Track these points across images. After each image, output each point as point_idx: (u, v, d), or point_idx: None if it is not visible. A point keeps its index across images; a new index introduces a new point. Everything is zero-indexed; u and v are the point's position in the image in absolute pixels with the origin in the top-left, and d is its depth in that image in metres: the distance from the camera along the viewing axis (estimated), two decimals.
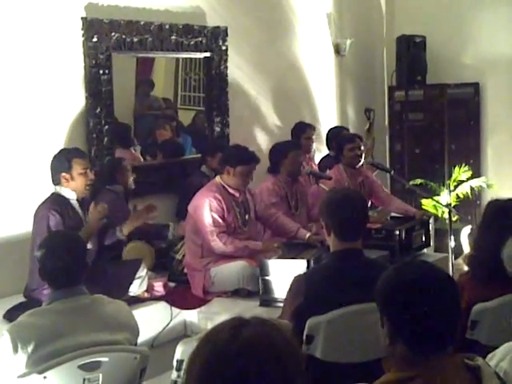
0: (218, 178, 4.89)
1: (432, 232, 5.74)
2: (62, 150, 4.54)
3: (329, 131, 7.03)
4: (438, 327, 1.84)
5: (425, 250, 5.48)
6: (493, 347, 2.36)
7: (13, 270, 4.71)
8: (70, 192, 4.34)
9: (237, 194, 4.87)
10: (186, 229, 4.98)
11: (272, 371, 1.41)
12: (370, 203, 5.71)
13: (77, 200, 4.38)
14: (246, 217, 4.94)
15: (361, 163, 5.83)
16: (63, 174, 4.29)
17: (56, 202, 4.28)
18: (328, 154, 6.95)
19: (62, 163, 4.31)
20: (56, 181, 4.34)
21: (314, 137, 6.59)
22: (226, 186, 4.83)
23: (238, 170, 4.78)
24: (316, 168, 6.48)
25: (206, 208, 4.70)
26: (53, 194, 4.36)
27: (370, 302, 2.11)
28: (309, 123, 6.70)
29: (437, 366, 1.81)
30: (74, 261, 2.89)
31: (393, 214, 6.14)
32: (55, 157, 4.39)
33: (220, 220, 4.73)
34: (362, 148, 5.86)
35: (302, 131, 6.54)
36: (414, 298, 1.86)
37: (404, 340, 1.87)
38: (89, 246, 4.18)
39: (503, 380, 1.92)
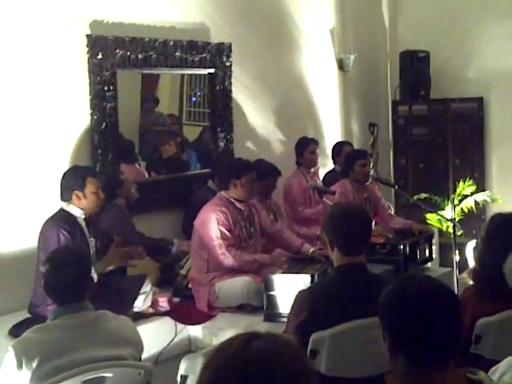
0: (223, 193, 4.91)
1: (436, 246, 5.74)
2: (75, 166, 4.51)
3: (334, 146, 7.06)
4: (438, 341, 1.85)
5: (429, 264, 5.47)
6: (497, 361, 2.36)
7: (18, 286, 4.71)
8: (78, 210, 4.30)
9: (242, 208, 4.89)
10: (191, 244, 4.99)
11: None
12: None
13: (83, 218, 4.35)
14: (252, 229, 4.95)
15: (370, 180, 5.89)
16: (76, 191, 4.24)
17: (64, 220, 4.24)
18: (333, 169, 6.98)
19: (76, 181, 4.26)
20: (66, 197, 4.28)
21: (317, 151, 6.62)
22: (233, 200, 4.85)
23: (244, 179, 4.81)
24: (320, 183, 6.50)
25: (214, 222, 4.72)
26: (60, 210, 4.32)
27: (373, 316, 2.11)
28: (312, 138, 6.73)
29: (439, 380, 1.81)
30: (79, 277, 2.90)
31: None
32: (68, 173, 4.34)
33: (228, 233, 4.74)
34: (371, 165, 5.92)
35: (306, 146, 6.56)
36: (413, 313, 1.86)
37: (404, 354, 1.87)
38: None
39: None
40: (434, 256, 5.52)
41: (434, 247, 5.53)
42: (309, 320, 2.93)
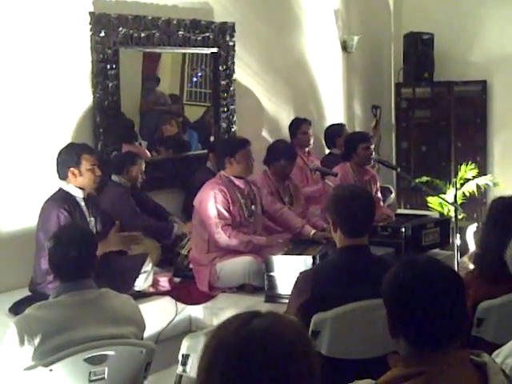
0: (222, 172, 4.91)
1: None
2: (70, 143, 4.52)
3: (328, 128, 7.04)
4: (441, 323, 1.84)
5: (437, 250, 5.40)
6: (499, 344, 2.36)
7: (18, 263, 4.72)
8: (77, 190, 4.31)
9: (242, 186, 4.88)
10: (193, 223, 4.99)
11: (280, 362, 1.40)
12: None
13: (83, 198, 4.35)
14: (253, 207, 4.94)
15: (372, 163, 5.89)
16: (71, 168, 4.26)
17: (64, 199, 4.25)
18: (330, 152, 6.96)
19: (71, 157, 4.28)
20: (63, 175, 4.30)
21: (310, 131, 6.61)
22: (232, 178, 4.85)
23: (238, 156, 4.81)
24: (317, 162, 6.49)
25: (211, 200, 4.71)
26: (60, 190, 4.32)
27: (376, 298, 2.11)
28: (304, 118, 6.71)
29: (443, 362, 1.81)
30: (83, 254, 2.89)
31: (399, 212, 6.13)
32: (64, 150, 4.35)
33: (225, 213, 4.73)
34: (372, 147, 5.92)
35: (298, 127, 6.57)
36: (413, 294, 1.85)
37: (405, 336, 1.87)
38: None
39: (509, 377, 1.92)
40: (450, 241, 5.39)
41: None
42: (311, 301, 2.92)
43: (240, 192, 4.87)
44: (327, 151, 7.15)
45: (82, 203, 4.34)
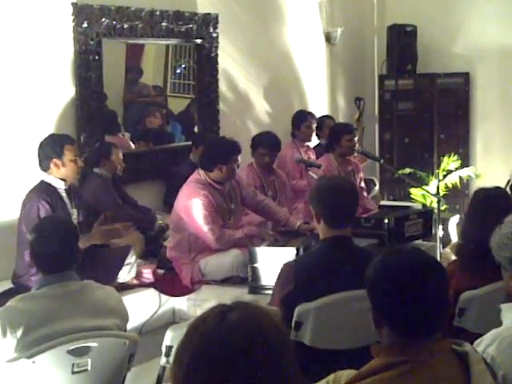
0: (202, 174, 4.73)
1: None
2: (51, 135, 4.49)
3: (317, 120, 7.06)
4: (423, 312, 1.85)
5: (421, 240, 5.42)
6: (480, 334, 2.38)
7: (1, 256, 4.68)
8: (59, 181, 4.29)
9: (221, 187, 4.77)
10: (170, 226, 4.94)
11: (261, 354, 1.41)
12: None
13: (64, 189, 4.33)
14: (232, 206, 4.87)
15: (354, 154, 5.91)
16: (54, 159, 4.23)
17: (45, 191, 4.23)
18: (319, 143, 6.97)
19: (53, 149, 4.25)
20: (45, 166, 4.27)
21: (314, 125, 6.62)
22: (213, 183, 4.72)
23: (231, 163, 4.69)
24: (314, 157, 6.48)
25: (199, 208, 4.59)
26: (41, 182, 4.30)
27: (359, 289, 2.12)
28: (309, 111, 6.73)
29: (425, 351, 1.82)
30: (64, 246, 2.87)
31: (382, 203, 6.14)
32: (45, 142, 4.32)
33: (215, 214, 4.64)
34: (356, 138, 5.94)
35: (303, 119, 6.57)
36: (398, 283, 1.86)
37: (389, 325, 1.88)
38: None
39: (490, 365, 1.94)
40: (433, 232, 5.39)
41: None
42: (294, 292, 2.93)
43: (221, 194, 4.76)
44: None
45: (64, 194, 4.33)
